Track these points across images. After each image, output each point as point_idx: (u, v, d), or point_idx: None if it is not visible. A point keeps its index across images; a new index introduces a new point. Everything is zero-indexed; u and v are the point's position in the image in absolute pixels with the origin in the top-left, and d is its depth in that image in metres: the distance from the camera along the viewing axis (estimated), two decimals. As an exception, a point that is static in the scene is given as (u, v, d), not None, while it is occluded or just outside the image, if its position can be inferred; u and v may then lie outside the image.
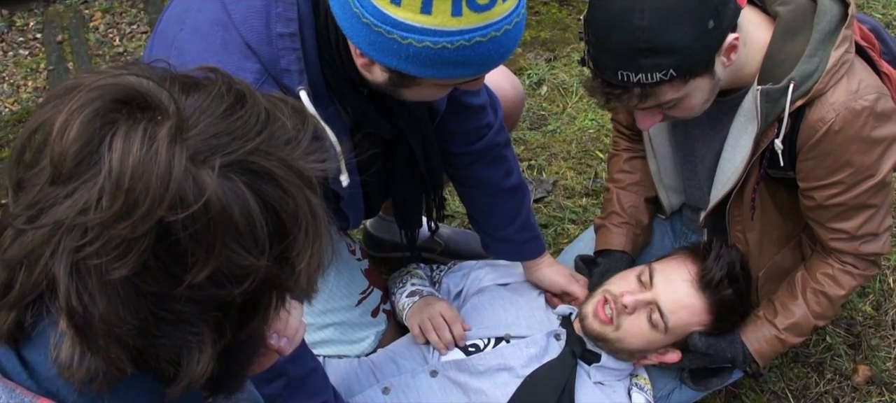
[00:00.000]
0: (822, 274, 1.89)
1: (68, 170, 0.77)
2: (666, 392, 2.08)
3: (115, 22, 3.62)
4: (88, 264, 0.77)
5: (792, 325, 1.92)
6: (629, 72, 1.56)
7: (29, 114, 3.07)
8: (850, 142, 1.67)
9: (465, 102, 1.87)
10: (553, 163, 2.94)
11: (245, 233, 0.80)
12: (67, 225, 0.77)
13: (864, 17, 1.90)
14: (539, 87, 3.23)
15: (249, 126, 0.82)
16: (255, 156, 0.81)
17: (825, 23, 1.65)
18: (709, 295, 1.86)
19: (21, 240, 0.80)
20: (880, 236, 1.84)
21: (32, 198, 0.80)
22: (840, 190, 1.73)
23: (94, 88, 0.80)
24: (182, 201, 0.76)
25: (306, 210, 0.85)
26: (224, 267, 0.80)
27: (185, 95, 0.83)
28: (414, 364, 1.98)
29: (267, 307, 0.88)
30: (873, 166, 1.71)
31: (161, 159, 0.76)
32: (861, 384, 2.32)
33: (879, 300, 2.51)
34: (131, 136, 0.77)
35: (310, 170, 0.86)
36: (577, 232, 2.66)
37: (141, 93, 0.80)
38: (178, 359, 0.83)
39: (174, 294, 0.79)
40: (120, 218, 0.76)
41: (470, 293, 2.14)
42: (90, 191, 0.76)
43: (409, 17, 1.33)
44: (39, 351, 0.85)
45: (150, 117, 0.79)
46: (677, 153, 2.03)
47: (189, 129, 0.79)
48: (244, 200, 0.79)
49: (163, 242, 0.77)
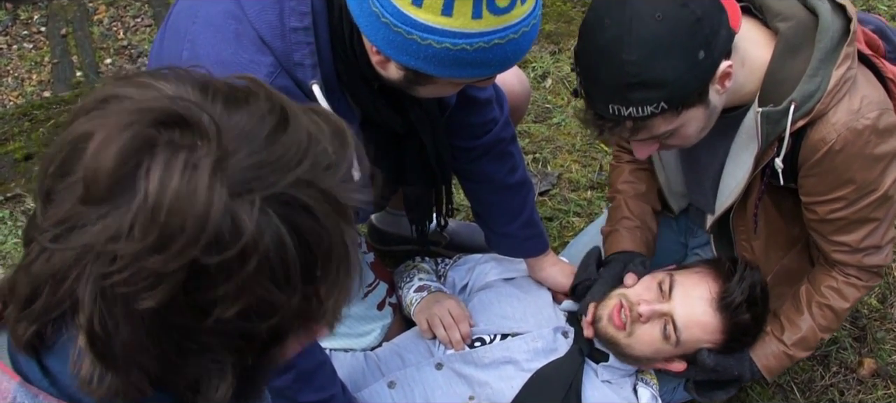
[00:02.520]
0: (826, 287, 1.88)
1: (101, 192, 0.74)
2: (671, 387, 2.08)
3: (119, 15, 3.62)
4: (115, 292, 0.75)
5: (799, 340, 1.91)
6: (620, 105, 1.53)
7: (33, 108, 3.07)
8: (852, 159, 1.65)
9: (471, 96, 1.86)
10: (558, 155, 2.94)
11: (278, 271, 0.77)
12: (97, 250, 0.74)
13: (868, 18, 1.87)
14: (544, 80, 3.23)
15: (291, 154, 0.79)
16: (295, 187, 0.78)
17: (827, 40, 1.61)
18: (726, 316, 1.83)
19: (48, 258, 0.78)
20: (883, 248, 1.82)
21: (62, 214, 0.76)
22: (842, 205, 1.72)
23: (133, 107, 0.77)
24: (218, 242, 0.73)
25: (340, 244, 0.82)
26: (254, 304, 0.77)
27: (228, 114, 0.79)
28: (419, 357, 1.98)
29: (291, 336, 0.86)
30: (876, 181, 1.69)
31: (200, 195, 0.72)
32: (866, 377, 2.32)
33: (885, 293, 2.51)
34: (171, 165, 0.73)
35: (346, 200, 0.83)
36: (582, 224, 2.66)
37: (183, 116, 0.76)
38: (197, 386, 0.82)
39: (200, 327, 0.77)
40: (152, 251, 0.73)
41: (475, 287, 2.14)
42: (123, 218, 0.73)
43: (430, 18, 1.33)
44: (60, 361, 0.84)
45: (191, 144, 0.75)
46: (683, 163, 2.01)
47: (230, 157, 0.75)
48: (280, 237, 0.76)
49: (194, 278, 0.74)
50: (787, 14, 1.67)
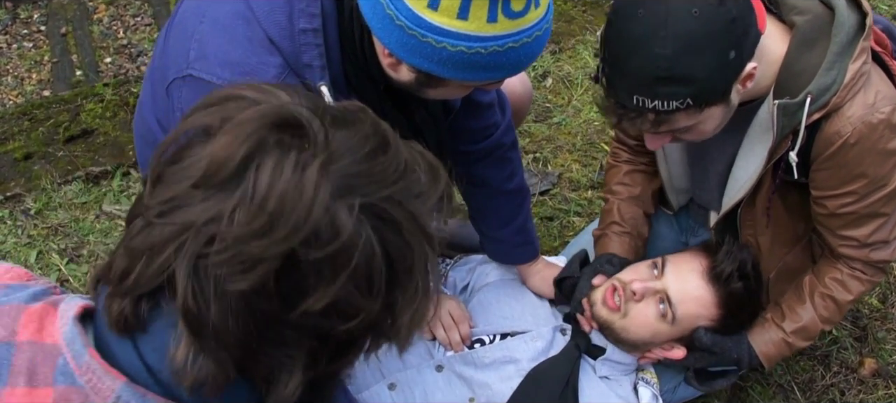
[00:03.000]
0: (830, 278, 1.89)
1: (217, 181, 0.80)
2: (672, 386, 2.08)
3: (119, 14, 3.62)
4: (209, 271, 0.80)
5: (799, 329, 1.91)
6: (646, 98, 1.52)
7: (33, 107, 3.07)
8: (865, 154, 1.65)
9: (474, 100, 1.86)
10: (558, 155, 2.94)
11: (363, 276, 0.82)
12: (196, 227, 0.80)
13: (876, 17, 1.88)
14: (544, 80, 3.23)
15: (388, 172, 0.85)
16: (388, 203, 0.84)
17: (843, 34, 1.62)
18: (718, 288, 1.85)
19: (148, 232, 0.83)
20: (890, 244, 1.83)
21: (170, 194, 0.82)
22: (853, 199, 1.73)
23: (256, 109, 0.84)
24: (317, 237, 0.79)
25: (422, 266, 0.88)
26: (337, 304, 0.82)
27: (335, 129, 0.85)
28: (419, 359, 1.98)
29: (361, 348, 0.91)
30: (887, 176, 1.70)
31: (308, 190, 0.79)
32: (867, 377, 2.32)
33: (886, 293, 2.51)
34: (282, 162, 0.80)
35: (433, 229, 0.89)
36: (583, 224, 2.66)
37: (298, 120, 0.83)
38: (270, 378, 0.86)
39: (283, 318, 0.82)
40: (256, 236, 0.78)
41: (476, 288, 2.14)
42: (225, 203, 0.79)
43: (446, 22, 1.34)
44: (156, 349, 0.87)
45: (301, 146, 0.81)
46: (690, 156, 2.01)
47: (335, 162, 0.82)
48: (371, 244, 0.82)
49: (287, 269, 0.80)
50: (802, 8, 1.67)
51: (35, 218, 2.71)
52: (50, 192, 2.77)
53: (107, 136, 2.98)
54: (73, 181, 2.82)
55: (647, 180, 2.14)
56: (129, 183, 2.84)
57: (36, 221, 2.70)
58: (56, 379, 0.87)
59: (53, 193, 2.78)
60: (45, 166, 2.86)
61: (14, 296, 0.93)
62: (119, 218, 2.73)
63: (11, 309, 0.91)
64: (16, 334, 0.89)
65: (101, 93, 3.14)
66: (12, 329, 0.89)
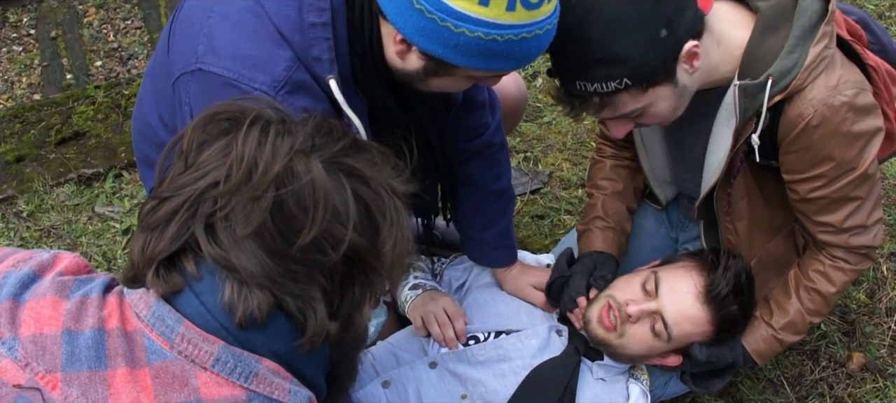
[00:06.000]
0: (813, 271, 1.90)
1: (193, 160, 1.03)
2: (663, 382, 2.09)
3: (109, 17, 3.62)
4: (218, 225, 0.98)
5: (788, 324, 1.93)
6: (585, 82, 1.59)
7: (24, 111, 3.07)
8: (829, 136, 1.67)
9: (468, 97, 1.87)
10: (549, 154, 2.95)
11: (341, 212, 1.01)
12: (200, 192, 0.99)
13: (850, 9, 1.90)
14: (534, 79, 3.24)
15: (339, 133, 1.07)
16: (348, 156, 1.04)
17: (805, 19, 1.65)
18: (714, 308, 1.85)
19: (159, 208, 1.01)
20: (870, 228, 1.84)
21: (193, 166, 1.02)
22: (822, 183, 1.74)
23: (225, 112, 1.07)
24: (289, 177, 0.99)
25: (393, 207, 1.06)
26: (324, 234, 0.99)
27: (298, 122, 1.07)
28: (413, 356, 1.99)
29: (360, 284, 1.06)
30: (854, 159, 1.71)
31: (273, 146, 1.00)
32: (855, 371, 2.34)
33: (873, 288, 2.53)
34: (252, 134, 1.01)
35: (398, 186, 1.08)
36: (574, 222, 2.67)
37: (261, 114, 1.05)
38: (302, 312, 1.02)
39: (289, 253, 0.99)
40: (242, 184, 0.98)
41: (472, 286, 2.15)
42: (219, 170, 0.99)
43: (467, 6, 1.37)
44: (210, 292, 1.01)
45: (265, 125, 1.03)
46: (668, 145, 2.03)
47: (294, 133, 1.03)
48: (342, 188, 1.01)
49: (277, 209, 0.98)
50: None
51: (27, 221, 2.71)
52: (42, 194, 2.77)
53: (98, 139, 2.98)
54: (66, 183, 2.82)
55: (630, 176, 2.16)
56: (121, 184, 2.84)
57: (28, 223, 2.70)
58: (149, 359, 0.99)
59: (46, 195, 2.78)
60: (37, 169, 2.86)
61: (90, 287, 1.06)
62: (111, 219, 2.73)
63: (96, 300, 1.04)
64: (104, 321, 1.02)
65: (92, 96, 3.14)
66: (100, 317, 1.02)
